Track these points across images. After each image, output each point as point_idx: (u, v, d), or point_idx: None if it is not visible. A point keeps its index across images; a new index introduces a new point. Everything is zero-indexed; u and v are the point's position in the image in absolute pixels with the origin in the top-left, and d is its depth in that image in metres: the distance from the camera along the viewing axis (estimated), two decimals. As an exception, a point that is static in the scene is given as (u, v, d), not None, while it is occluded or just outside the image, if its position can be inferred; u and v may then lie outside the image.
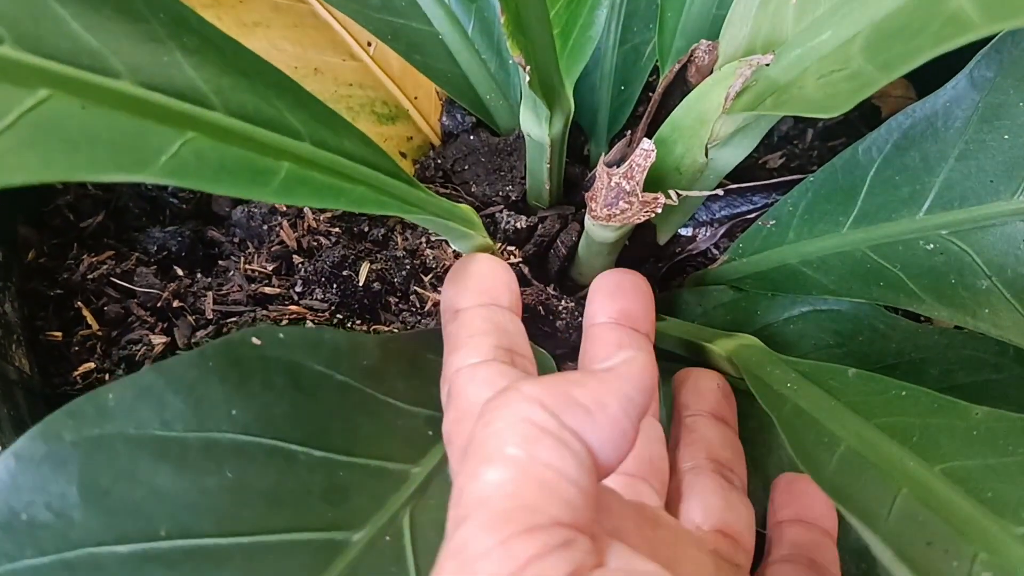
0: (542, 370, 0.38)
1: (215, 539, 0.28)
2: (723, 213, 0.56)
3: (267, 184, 0.30)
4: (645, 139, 0.42)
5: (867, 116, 0.61)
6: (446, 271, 0.50)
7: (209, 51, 0.33)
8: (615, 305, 0.39)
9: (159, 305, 0.47)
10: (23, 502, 0.26)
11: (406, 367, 0.38)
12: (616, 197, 0.43)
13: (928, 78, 0.44)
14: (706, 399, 0.41)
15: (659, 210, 0.43)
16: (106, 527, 0.27)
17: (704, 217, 0.56)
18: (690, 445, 0.39)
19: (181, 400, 0.29)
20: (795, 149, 0.61)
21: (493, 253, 0.46)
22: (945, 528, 0.30)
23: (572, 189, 0.55)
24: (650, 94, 0.58)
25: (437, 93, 0.57)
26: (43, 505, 0.26)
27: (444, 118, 0.57)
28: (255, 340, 0.32)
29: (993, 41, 0.42)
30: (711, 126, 0.43)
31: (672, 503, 0.37)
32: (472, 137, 0.56)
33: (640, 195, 0.43)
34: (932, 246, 0.44)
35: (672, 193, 0.43)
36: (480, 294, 0.36)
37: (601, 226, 0.45)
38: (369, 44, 0.54)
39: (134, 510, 0.27)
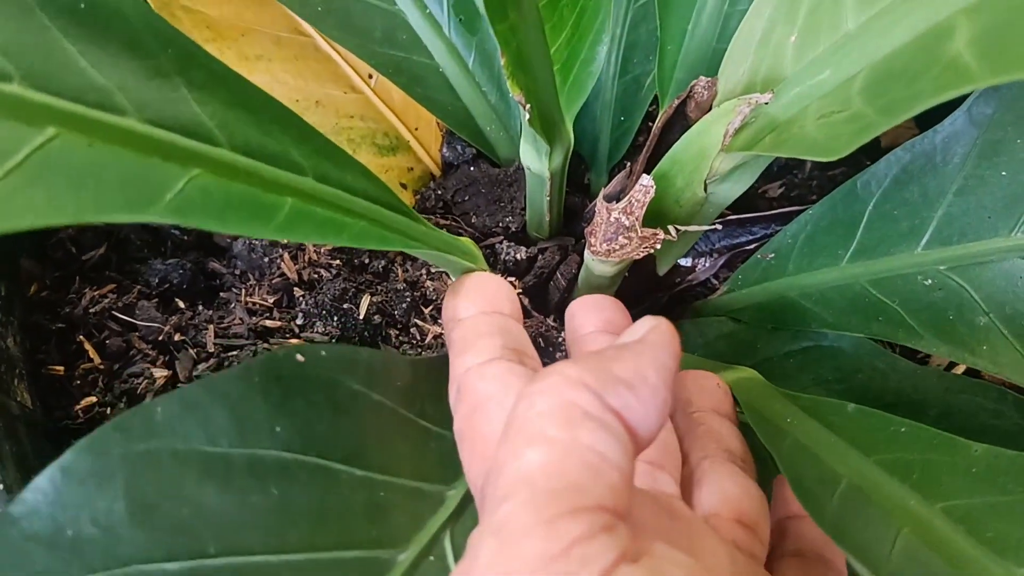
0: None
1: (264, 556, 0.28)
2: (723, 243, 0.56)
3: (271, 220, 0.31)
4: (644, 175, 0.43)
5: (867, 147, 0.61)
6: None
7: (215, 86, 0.33)
8: (600, 316, 0.39)
9: (160, 338, 0.47)
10: (69, 517, 0.26)
11: (433, 389, 0.38)
12: (615, 232, 0.44)
13: (928, 110, 0.45)
14: (710, 396, 0.41)
15: (658, 246, 0.43)
16: (154, 544, 0.26)
17: (704, 247, 0.56)
18: (701, 437, 0.38)
19: (226, 416, 0.29)
20: (795, 179, 0.61)
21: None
22: (947, 570, 0.30)
23: (572, 219, 0.56)
24: (650, 124, 0.59)
25: (438, 124, 0.57)
26: (89, 520, 0.26)
27: (445, 149, 0.57)
28: (299, 357, 0.32)
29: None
30: (710, 162, 0.43)
31: (686, 493, 0.36)
32: (472, 168, 0.56)
33: (639, 230, 0.43)
34: (931, 281, 0.44)
35: (671, 229, 0.43)
36: (482, 302, 0.36)
37: (600, 261, 0.45)
38: (370, 76, 0.55)
39: (181, 527, 0.27)
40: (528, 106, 0.40)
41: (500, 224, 0.54)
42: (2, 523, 0.25)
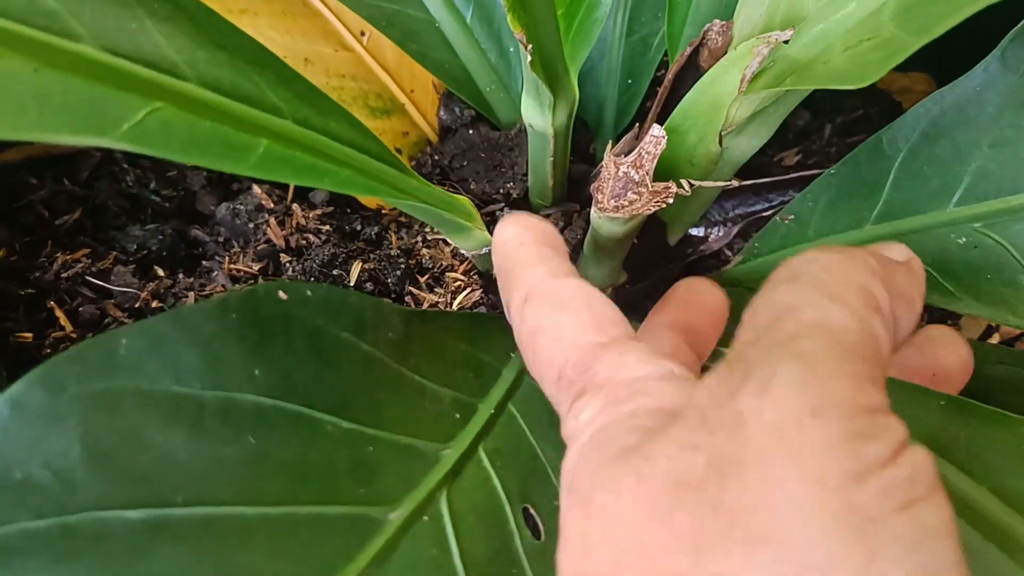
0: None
1: (238, 508, 0.25)
2: (737, 212, 0.53)
3: (243, 160, 0.28)
4: (655, 125, 0.40)
5: (888, 112, 0.59)
6: (443, 272, 0.47)
7: (183, 21, 0.31)
8: (686, 314, 0.36)
9: (137, 306, 0.44)
10: (18, 458, 0.23)
11: (430, 347, 0.35)
12: (624, 188, 0.40)
13: (953, 73, 0.42)
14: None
15: (670, 200, 0.40)
16: (113, 491, 0.23)
17: (717, 216, 0.53)
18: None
19: (198, 355, 0.26)
20: (812, 146, 0.58)
21: (491, 248, 0.43)
22: (998, 555, 0.27)
23: (577, 187, 0.53)
24: (658, 89, 0.56)
25: (434, 86, 0.54)
26: (40, 463, 0.23)
27: (442, 112, 0.54)
28: (281, 294, 0.29)
29: (1027, 19, 0.39)
30: (726, 111, 0.40)
31: None
32: (471, 132, 0.53)
33: (650, 185, 0.40)
34: (965, 240, 0.41)
35: (684, 183, 0.40)
36: (542, 237, 0.33)
37: (608, 219, 0.42)
38: (363, 34, 0.51)
39: (144, 475, 0.24)
40: (530, 47, 0.37)
41: (501, 190, 0.51)
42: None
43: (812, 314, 0.21)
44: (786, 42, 0.37)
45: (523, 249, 0.32)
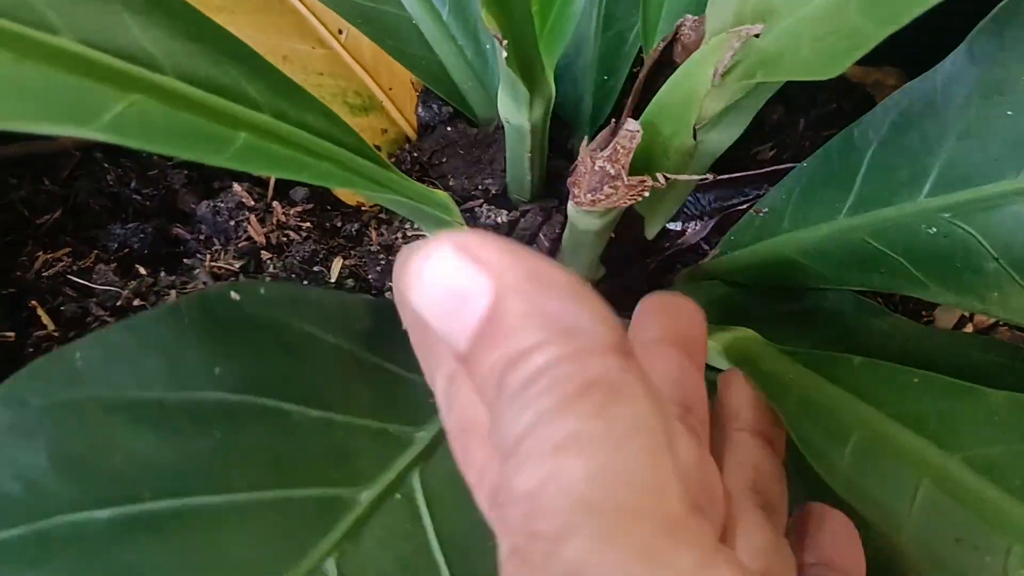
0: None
1: (206, 497, 0.25)
2: (713, 205, 0.54)
3: (221, 151, 0.28)
4: (630, 120, 0.40)
5: (861, 106, 0.59)
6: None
7: (158, 14, 0.31)
8: (671, 323, 0.34)
9: (119, 304, 0.44)
10: None
11: (402, 335, 0.35)
12: (600, 182, 0.41)
13: (924, 67, 0.42)
14: (754, 413, 0.36)
15: (646, 193, 0.41)
16: (83, 493, 0.24)
17: (693, 210, 0.54)
18: (736, 467, 0.33)
19: (157, 360, 0.26)
20: (786, 140, 0.58)
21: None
22: (974, 520, 0.28)
23: (555, 183, 0.53)
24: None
25: (412, 84, 0.55)
26: (10, 476, 0.23)
27: (420, 109, 0.54)
28: (234, 295, 0.29)
29: (993, 12, 0.40)
30: (700, 104, 0.40)
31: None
32: (449, 129, 0.53)
33: (625, 179, 0.41)
34: (935, 230, 0.41)
35: (660, 176, 0.41)
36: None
37: (585, 213, 0.43)
38: (340, 31, 0.52)
39: (112, 476, 0.24)
40: (505, 43, 0.37)
41: (479, 187, 0.51)
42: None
43: (551, 493, 0.17)
44: (757, 36, 0.38)
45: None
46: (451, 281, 0.19)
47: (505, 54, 0.38)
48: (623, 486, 0.16)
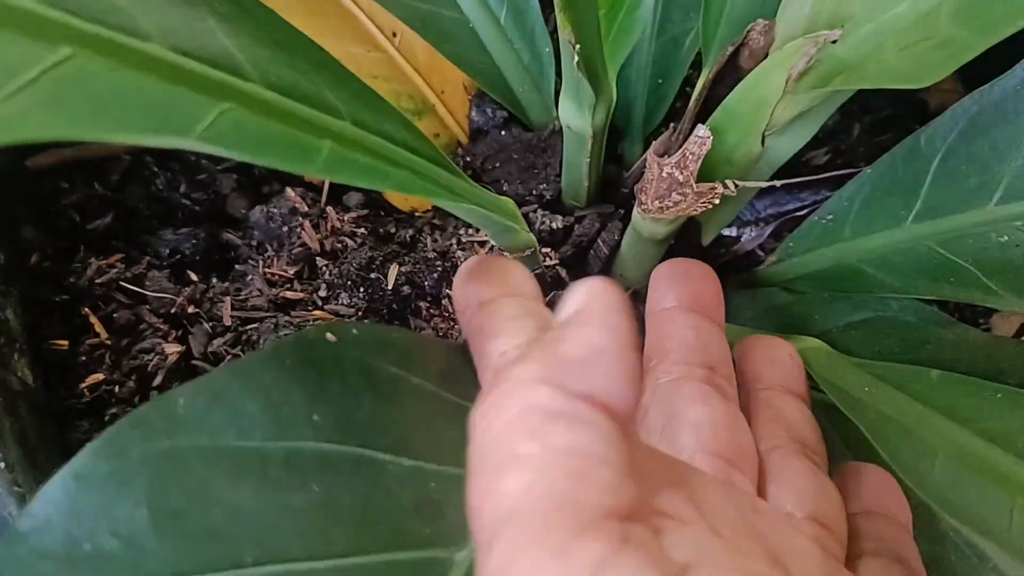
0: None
1: (308, 563, 0.24)
2: (769, 211, 0.53)
3: (311, 161, 0.28)
4: (699, 125, 0.40)
5: (915, 111, 0.59)
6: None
7: (243, 19, 0.30)
8: (687, 288, 0.36)
9: (173, 311, 0.44)
10: (85, 529, 0.22)
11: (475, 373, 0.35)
12: (668, 188, 0.40)
13: (977, 71, 0.42)
14: (781, 370, 0.37)
15: (716, 200, 0.40)
16: (184, 554, 0.23)
17: (749, 216, 0.53)
18: (769, 423, 0.34)
19: (258, 406, 0.25)
20: (841, 145, 0.58)
21: (534, 250, 0.43)
22: None
23: (609, 188, 0.52)
24: (688, 89, 0.56)
25: (465, 87, 0.54)
26: (108, 532, 0.22)
27: (473, 113, 0.54)
28: (330, 336, 0.28)
29: (1070, 17, 0.39)
30: (771, 111, 0.40)
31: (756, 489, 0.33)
32: (503, 133, 0.52)
33: (694, 186, 0.40)
34: (1006, 238, 0.41)
35: (729, 183, 0.40)
36: (505, 286, 0.31)
37: (651, 220, 0.42)
38: (394, 34, 0.51)
39: (214, 534, 0.23)
40: (577, 47, 0.36)
41: (534, 192, 0.51)
42: (10, 541, 0.22)
43: (490, 508, 0.20)
44: (834, 42, 0.37)
45: (482, 314, 0.30)
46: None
47: (576, 58, 0.37)
48: (545, 499, 0.18)
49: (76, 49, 0.23)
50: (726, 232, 0.53)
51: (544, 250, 0.48)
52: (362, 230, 0.47)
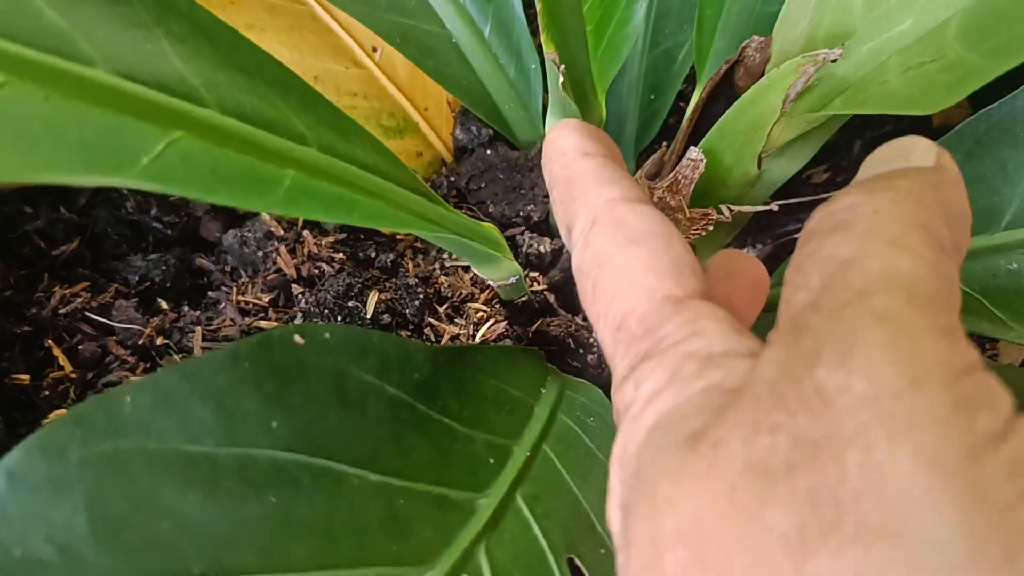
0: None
1: None
2: (766, 233, 0.51)
3: (270, 194, 0.26)
4: (692, 147, 0.38)
5: (917, 128, 0.57)
6: (463, 301, 0.44)
7: (200, 40, 0.28)
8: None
9: (141, 343, 0.42)
10: (17, 535, 0.20)
11: (458, 386, 0.33)
12: (660, 214, 0.38)
13: (982, 88, 0.40)
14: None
15: (710, 227, 0.38)
16: (126, 566, 0.21)
17: (745, 238, 0.51)
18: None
19: (210, 410, 0.24)
20: (841, 162, 0.56)
21: (519, 277, 0.41)
22: None
23: (598, 209, 0.50)
24: (682, 104, 0.54)
25: (449, 104, 0.52)
26: (43, 538, 0.21)
27: (457, 131, 0.52)
28: (298, 339, 0.26)
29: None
30: (767, 132, 0.38)
31: None
32: (488, 152, 0.50)
33: (687, 211, 0.38)
34: (1015, 265, 0.39)
35: (724, 209, 0.38)
36: (603, 148, 0.29)
37: (642, 247, 0.40)
38: (375, 50, 0.49)
39: (158, 544, 0.22)
40: (562, 67, 0.34)
41: (520, 213, 0.49)
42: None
43: (877, 265, 0.18)
44: (834, 61, 0.35)
45: (589, 162, 0.28)
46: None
47: (562, 79, 0.35)
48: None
49: (6, 76, 0.21)
50: (722, 254, 0.51)
51: (531, 274, 0.46)
52: (340, 255, 0.45)
